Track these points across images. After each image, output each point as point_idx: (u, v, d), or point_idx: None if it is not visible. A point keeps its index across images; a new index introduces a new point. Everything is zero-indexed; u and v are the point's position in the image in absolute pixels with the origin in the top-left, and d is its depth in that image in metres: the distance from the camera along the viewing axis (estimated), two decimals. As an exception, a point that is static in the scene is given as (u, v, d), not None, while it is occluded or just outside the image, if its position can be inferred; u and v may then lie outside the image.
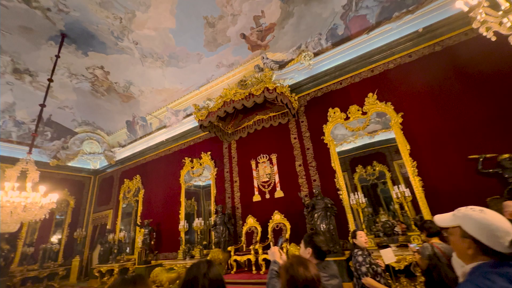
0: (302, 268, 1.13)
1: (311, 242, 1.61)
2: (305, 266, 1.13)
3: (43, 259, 9.10)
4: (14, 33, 6.68)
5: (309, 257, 1.53)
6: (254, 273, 4.95)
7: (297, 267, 1.14)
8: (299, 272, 1.11)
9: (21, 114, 9.25)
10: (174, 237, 7.85)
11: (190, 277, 1.13)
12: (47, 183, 6.30)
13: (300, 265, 1.14)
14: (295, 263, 1.17)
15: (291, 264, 1.18)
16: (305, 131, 6.38)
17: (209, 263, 1.20)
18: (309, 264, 1.16)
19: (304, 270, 1.11)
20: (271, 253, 1.77)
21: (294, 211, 5.84)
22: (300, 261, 1.18)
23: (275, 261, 1.71)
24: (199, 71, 8.15)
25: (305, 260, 1.19)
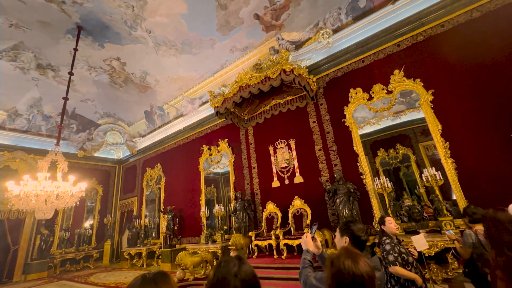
0: (350, 261, 0.97)
1: (348, 230, 1.48)
2: (354, 259, 0.97)
3: (79, 243, 9.84)
4: (33, 29, 6.85)
5: (346, 247, 1.41)
6: (276, 258, 4.97)
7: (344, 260, 0.98)
8: (346, 266, 0.95)
9: (48, 108, 9.71)
10: (195, 223, 8.10)
11: (218, 277, 0.97)
12: (76, 173, 6.65)
13: (348, 258, 0.98)
14: (343, 256, 1.01)
15: (337, 257, 1.02)
16: (325, 114, 6.10)
17: (240, 260, 1.04)
18: (360, 258, 0.99)
19: (353, 264, 0.95)
20: (304, 241, 1.67)
21: (314, 197, 5.72)
22: (349, 253, 1.02)
23: (308, 250, 1.61)
24: (213, 57, 7.99)
25: (356, 253, 1.02)
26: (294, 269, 4.27)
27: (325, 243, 4.52)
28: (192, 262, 4.95)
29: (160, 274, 0.90)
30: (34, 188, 5.25)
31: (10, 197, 5.35)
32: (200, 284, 4.76)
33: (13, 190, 5.28)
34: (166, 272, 0.94)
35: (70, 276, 8.11)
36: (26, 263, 8.45)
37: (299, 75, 5.36)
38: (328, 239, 4.63)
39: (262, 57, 7.28)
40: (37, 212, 5.53)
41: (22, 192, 5.27)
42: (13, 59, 7.71)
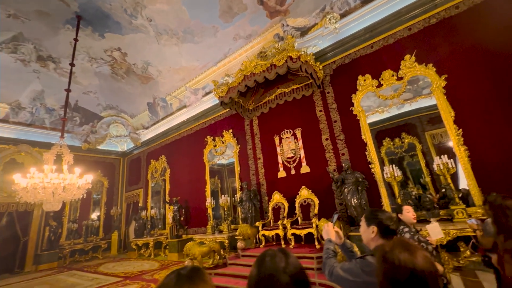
0: (407, 255, 0.81)
1: (375, 219, 1.37)
2: (412, 252, 0.81)
3: (86, 234, 9.99)
4: (32, 19, 6.69)
5: (373, 237, 1.35)
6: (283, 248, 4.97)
7: (399, 253, 0.82)
8: (402, 260, 0.80)
9: (51, 101, 9.65)
10: (201, 213, 8.14)
11: (264, 275, 0.84)
12: (81, 165, 6.64)
13: (405, 250, 0.82)
14: (397, 248, 0.84)
15: (391, 249, 0.85)
16: (332, 103, 5.96)
17: (284, 253, 0.91)
18: (418, 250, 0.82)
19: (411, 258, 0.79)
20: (326, 231, 1.60)
21: (321, 186, 5.67)
22: (404, 245, 0.85)
23: (330, 239, 1.55)
24: (216, 46, 7.79)
25: (413, 245, 0.86)
26: (302, 258, 4.26)
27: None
28: (200, 252, 4.98)
29: (195, 270, 0.82)
30: (41, 181, 5.25)
31: (17, 190, 5.37)
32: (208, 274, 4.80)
33: (20, 182, 5.29)
34: (200, 268, 0.86)
35: (79, 266, 8.28)
36: (37, 254, 8.61)
37: (306, 62, 5.20)
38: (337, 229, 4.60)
39: (267, 45, 7.08)
40: (45, 204, 5.56)
41: (29, 185, 5.28)
42: (13, 51, 7.58)
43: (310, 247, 4.63)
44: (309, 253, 4.27)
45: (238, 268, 4.79)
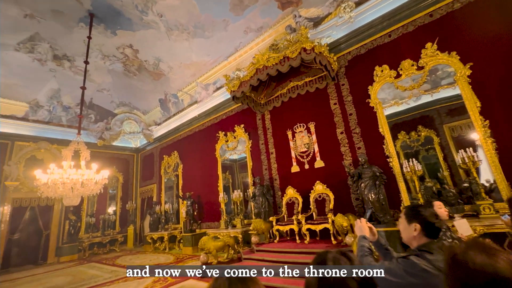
0: (485, 257, 0.67)
1: (418, 215, 1.25)
2: (491, 255, 0.67)
3: (104, 228, 10.32)
4: (47, 18, 6.81)
5: (415, 235, 1.24)
6: (298, 243, 4.93)
7: (475, 255, 0.68)
8: (479, 263, 0.66)
9: (67, 99, 9.91)
10: (214, 208, 8.20)
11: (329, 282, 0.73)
12: (97, 161, 6.79)
13: (482, 252, 0.68)
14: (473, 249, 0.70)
15: (464, 251, 0.71)
16: (347, 95, 5.78)
17: (347, 256, 0.80)
18: (498, 253, 0.68)
19: (490, 261, 0.65)
20: (359, 227, 1.52)
21: (337, 181, 5.55)
22: (481, 246, 0.71)
23: (365, 236, 1.46)
24: (226, 40, 7.71)
25: (491, 247, 0.71)
26: (318, 254, 4.20)
27: (350, 228, 4.39)
28: (215, 247, 5.01)
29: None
30: (61, 176, 5.41)
31: (39, 185, 5.56)
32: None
33: (41, 178, 5.47)
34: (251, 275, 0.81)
35: (98, 258, 8.57)
36: (58, 247, 8.98)
37: (320, 54, 5.04)
38: (353, 224, 4.50)
39: (278, 37, 6.93)
40: (65, 199, 5.74)
41: (49, 180, 5.45)
42: (31, 50, 7.78)
43: (326, 243, 4.56)
44: (326, 248, 4.19)
45: (252, 262, 4.79)
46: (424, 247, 1.20)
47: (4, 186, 8.39)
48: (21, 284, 5.95)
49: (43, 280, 6.07)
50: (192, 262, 6.22)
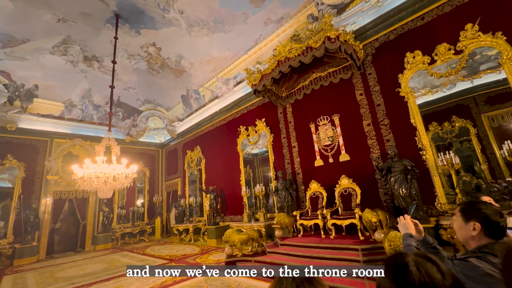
0: None
1: (478, 213, 1.11)
2: None
3: (133, 219, 10.93)
4: (77, 21, 7.18)
5: (475, 235, 1.12)
6: (323, 238, 4.84)
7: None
8: None
9: (97, 98, 10.48)
10: (236, 202, 8.31)
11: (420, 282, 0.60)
12: (125, 157, 7.14)
13: None
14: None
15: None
16: (374, 85, 5.48)
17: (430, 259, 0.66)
18: None
19: None
20: (403, 224, 1.40)
21: (363, 175, 5.33)
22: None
23: (411, 234, 1.34)
24: (246, 33, 7.63)
25: None
26: (345, 249, 4.10)
27: (379, 224, 4.21)
28: (239, 240, 5.08)
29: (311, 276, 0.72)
30: (95, 171, 5.76)
31: (76, 179, 5.98)
32: (248, 260, 4.89)
33: (78, 173, 5.87)
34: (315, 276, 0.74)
35: (129, 248, 9.11)
36: (94, 236, 9.69)
37: (345, 42, 4.80)
38: (382, 220, 4.31)
39: (300, 27, 6.72)
40: (99, 192, 6.13)
41: (85, 175, 5.84)
42: (64, 53, 8.29)
43: (353, 239, 4.43)
44: (353, 244, 4.07)
45: (277, 256, 4.80)
46: (485, 248, 1.07)
47: (46, 180, 9.16)
48: (64, 269, 6.51)
49: (82, 266, 6.59)
50: (217, 254, 6.38)
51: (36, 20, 6.90)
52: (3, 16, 6.56)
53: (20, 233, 8.10)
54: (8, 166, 8.50)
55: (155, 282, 4.45)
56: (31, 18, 6.83)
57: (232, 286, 3.92)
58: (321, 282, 0.68)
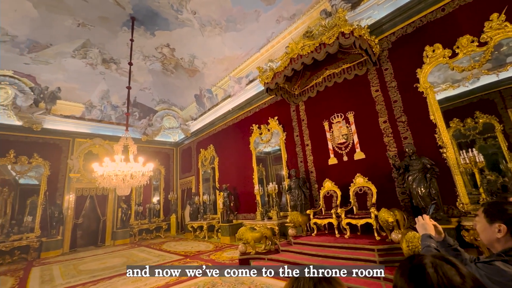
0: None
1: (504, 214, 1.06)
2: None
3: (150, 216, 11.28)
4: (96, 25, 7.46)
5: (500, 237, 1.06)
6: (337, 237, 4.77)
7: None
8: None
9: (115, 99, 10.87)
10: (249, 200, 8.36)
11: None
12: (142, 155, 7.38)
13: None
14: None
15: None
16: (390, 81, 5.31)
17: (449, 261, 0.64)
18: None
19: None
20: (421, 224, 1.34)
21: (379, 174, 5.19)
22: None
23: (430, 235, 1.29)
24: (258, 31, 7.61)
25: None
26: (361, 249, 4.01)
27: (397, 224, 4.09)
28: (252, 237, 5.11)
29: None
30: (114, 169, 5.99)
31: (96, 177, 6.25)
32: (262, 258, 4.92)
33: (98, 171, 6.13)
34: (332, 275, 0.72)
35: (147, 243, 9.42)
36: (113, 231, 10.09)
37: (360, 37, 4.66)
38: (399, 220, 4.18)
39: (312, 24, 6.61)
40: (117, 189, 6.37)
41: (104, 173, 6.08)
42: (84, 56, 8.65)
43: (369, 238, 4.33)
44: (369, 244, 3.98)
45: (290, 255, 4.79)
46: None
47: (69, 178, 9.64)
48: (86, 262, 6.84)
49: (103, 260, 6.89)
50: (230, 251, 6.46)
51: (58, 25, 7.24)
52: (29, 23, 6.94)
53: (46, 227, 8.59)
54: (35, 165, 9.02)
55: (171, 277, 4.58)
56: (54, 24, 7.17)
57: (246, 284, 3.96)
58: (339, 282, 0.67)
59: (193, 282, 4.21)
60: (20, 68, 8.41)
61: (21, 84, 8.71)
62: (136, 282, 4.52)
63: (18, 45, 7.58)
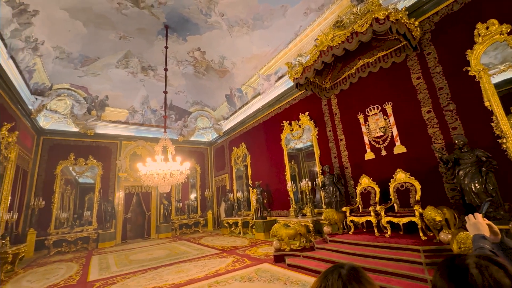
0: None
1: None
2: None
3: (189, 211, 11.97)
4: (135, 36, 8.11)
5: None
6: (377, 236, 4.52)
7: None
8: None
9: (153, 103, 11.71)
10: (282, 197, 8.35)
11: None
12: (179, 155, 7.84)
13: None
14: None
15: None
16: (434, 66, 4.82)
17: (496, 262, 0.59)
18: None
19: None
20: (473, 224, 1.20)
21: (423, 168, 4.77)
22: None
23: (484, 236, 1.16)
24: (286, 26, 7.51)
25: None
26: (404, 250, 3.75)
27: (446, 224, 3.72)
28: (287, 234, 5.12)
29: (357, 271, 0.67)
30: (155, 168, 6.49)
31: (140, 176, 6.83)
32: (296, 255, 4.90)
33: (141, 170, 6.70)
34: (359, 267, 0.69)
35: (186, 237, 10.03)
36: (157, 225, 10.95)
37: (397, 21, 4.31)
38: (448, 219, 3.80)
39: (342, 13, 6.29)
40: (159, 187, 6.89)
41: (147, 172, 6.62)
42: (126, 66, 9.48)
43: (413, 238, 4.02)
44: (414, 245, 3.70)
45: (326, 252, 4.68)
46: None
47: (118, 177, 10.70)
48: (135, 253, 7.55)
49: (149, 251, 7.53)
50: (265, 247, 6.55)
51: (104, 40, 8.04)
52: (80, 40, 7.82)
53: (101, 221, 9.68)
54: (90, 165, 10.20)
55: (210, 270, 4.83)
56: (100, 39, 7.98)
57: (281, 279, 4.00)
58: (370, 282, 0.64)
59: (231, 276, 4.38)
60: (75, 80, 9.53)
61: (76, 95, 9.88)
62: (179, 272, 4.86)
63: (72, 61, 8.61)
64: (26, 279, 5.35)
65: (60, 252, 8.54)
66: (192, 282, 4.23)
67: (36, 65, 7.78)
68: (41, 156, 9.38)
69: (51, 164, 9.49)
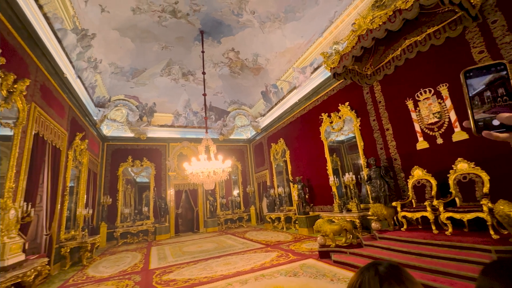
0: None
1: None
2: None
3: (232, 207, 12.49)
4: (174, 45, 8.70)
5: None
6: (436, 233, 4.09)
7: None
8: None
9: (195, 106, 12.44)
10: (324, 191, 8.11)
11: None
12: (221, 153, 8.21)
13: None
14: None
15: None
16: (502, 35, 4.08)
17: None
18: None
19: None
20: None
21: (491, 157, 4.12)
22: None
23: None
24: (319, 14, 7.19)
25: None
26: (470, 249, 3.32)
27: (525, 220, 3.17)
28: (331, 230, 4.97)
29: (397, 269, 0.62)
30: (200, 167, 6.92)
31: (187, 174, 7.38)
32: (343, 252, 4.73)
33: (188, 169, 7.22)
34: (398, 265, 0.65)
35: (232, 231, 10.50)
36: (205, 220, 11.70)
37: (450, -10, 3.77)
38: (528, 215, 3.22)
39: (382, -10, 5.74)
40: (204, 184, 7.34)
41: (193, 170, 7.11)
42: (168, 74, 10.25)
43: (481, 236, 3.53)
44: (483, 244, 3.25)
45: (375, 250, 4.42)
46: None
47: (168, 176, 11.71)
48: (187, 245, 8.22)
49: (199, 244, 8.12)
50: (309, 243, 6.48)
51: (149, 52, 8.82)
52: (130, 54, 8.72)
53: (157, 216, 10.76)
54: (145, 166, 11.38)
55: (255, 263, 4.99)
56: (146, 51, 8.78)
57: (327, 276, 3.92)
58: (413, 281, 0.59)
59: (276, 270, 4.46)
60: (127, 91, 10.69)
61: (130, 104, 11.07)
62: (227, 264, 5.14)
63: (125, 74, 9.66)
64: (102, 265, 6.29)
65: (126, 243, 9.78)
66: (239, 274, 4.44)
67: (97, 81, 8.95)
68: (106, 159, 10.82)
69: (114, 166, 10.88)
